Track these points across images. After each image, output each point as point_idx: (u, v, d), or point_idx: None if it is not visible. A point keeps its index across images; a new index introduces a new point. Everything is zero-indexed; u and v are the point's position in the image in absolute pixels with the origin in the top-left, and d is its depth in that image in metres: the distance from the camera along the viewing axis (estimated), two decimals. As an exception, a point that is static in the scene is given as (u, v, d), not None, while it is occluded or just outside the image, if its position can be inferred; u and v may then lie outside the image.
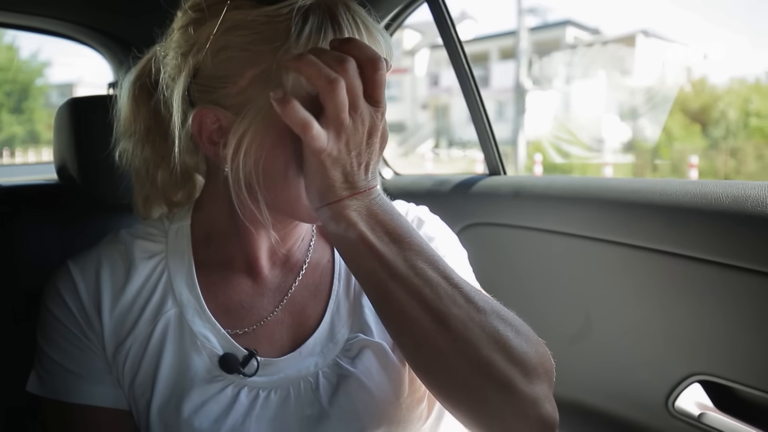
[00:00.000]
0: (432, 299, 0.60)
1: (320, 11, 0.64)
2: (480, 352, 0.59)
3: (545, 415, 0.61)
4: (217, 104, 0.67)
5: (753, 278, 0.95)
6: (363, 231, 0.61)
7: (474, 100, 1.48)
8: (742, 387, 1.00)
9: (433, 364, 0.61)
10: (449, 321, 0.60)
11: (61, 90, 7.37)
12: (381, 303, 0.63)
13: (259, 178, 0.66)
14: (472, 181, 1.52)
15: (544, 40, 16.80)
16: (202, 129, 0.68)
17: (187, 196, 0.84)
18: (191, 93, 0.69)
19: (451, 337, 0.59)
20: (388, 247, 0.61)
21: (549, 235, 1.30)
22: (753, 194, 0.95)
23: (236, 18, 0.65)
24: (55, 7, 1.41)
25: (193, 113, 0.67)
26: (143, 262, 0.76)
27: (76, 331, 0.73)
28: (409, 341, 0.63)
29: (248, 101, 0.64)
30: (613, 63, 15.19)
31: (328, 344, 0.75)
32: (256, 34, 0.64)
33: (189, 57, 0.68)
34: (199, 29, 0.67)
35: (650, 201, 1.09)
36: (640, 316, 1.14)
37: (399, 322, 0.62)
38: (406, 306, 0.60)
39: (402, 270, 0.61)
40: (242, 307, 0.77)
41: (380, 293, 0.62)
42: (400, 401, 0.74)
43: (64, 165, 1.07)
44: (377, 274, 0.61)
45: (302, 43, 0.62)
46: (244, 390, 0.72)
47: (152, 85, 0.77)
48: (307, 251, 0.82)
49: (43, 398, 0.74)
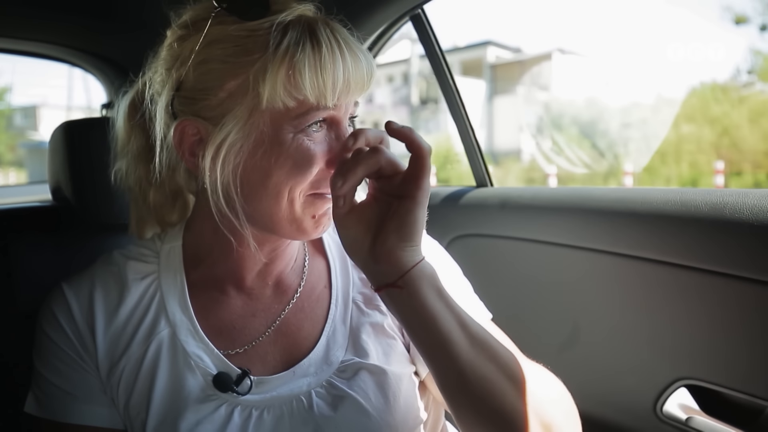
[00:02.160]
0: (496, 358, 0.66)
1: (300, 27, 0.66)
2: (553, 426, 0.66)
3: None
4: (198, 116, 0.68)
5: (733, 283, 0.97)
6: (446, 298, 0.67)
7: (460, 115, 1.50)
8: (727, 390, 1.01)
9: None
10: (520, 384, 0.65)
11: (25, 112, 7.38)
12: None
13: (236, 188, 0.67)
14: (460, 193, 1.54)
15: (467, 59, 17.69)
16: (183, 140, 0.69)
17: (180, 217, 0.85)
18: (174, 106, 0.70)
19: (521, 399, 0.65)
20: (459, 313, 0.67)
21: (536, 245, 1.32)
22: (730, 201, 0.97)
23: (218, 32, 0.66)
24: (50, 32, 1.43)
25: (174, 125, 0.69)
26: (136, 283, 0.77)
27: (71, 352, 0.74)
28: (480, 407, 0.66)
29: (227, 111, 0.66)
30: (531, 79, 16.32)
31: (323, 365, 0.76)
32: (237, 46, 0.65)
33: (173, 71, 0.69)
34: (183, 44, 0.68)
35: (632, 210, 1.11)
36: (626, 323, 1.16)
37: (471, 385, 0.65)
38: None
39: (478, 335, 0.66)
40: (234, 328, 0.77)
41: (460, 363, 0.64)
42: (397, 422, 0.75)
43: (58, 186, 1.08)
44: (458, 345, 0.65)
45: (279, 55, 0.63)
46: (237, 409, 0.73)
47: (141, 103, 0.77)
48: (302, 273, 0.82)
49: (41, 419, 0.74)
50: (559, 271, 1.28)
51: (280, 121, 0.65)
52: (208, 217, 0.73)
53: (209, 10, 0.67)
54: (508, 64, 16.97)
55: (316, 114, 0.66)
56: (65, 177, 1.04)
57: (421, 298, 0.64)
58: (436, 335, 0.64)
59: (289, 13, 0.67)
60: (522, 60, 16.88)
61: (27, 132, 7.56)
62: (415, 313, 0.64)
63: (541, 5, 19.94)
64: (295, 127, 0.66)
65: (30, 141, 8.11)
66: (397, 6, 1.38)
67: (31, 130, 7.59)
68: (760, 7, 12.39)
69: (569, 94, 16.21)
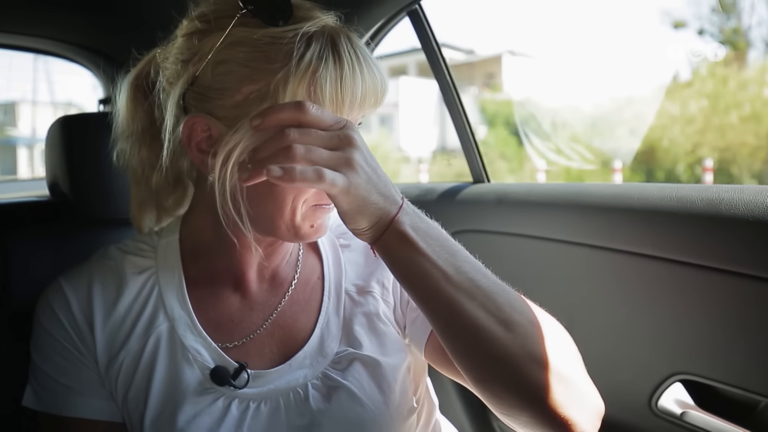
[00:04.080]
0: (496, 308, 0.62)
1: (323, 39, 0.65)
2: (546, 352, 0.62)
3: (598, 403, 0.65)
4: (210, 114, 0.68)
5: (729, 278, 0.97)
6: (424, 250, 0.62)
7: (457, 111, 1.50)
8: (722, 385, 1.02)
9: (505, 371, 0.61)
10: (515, 327, 0.62)
11: (4, 108, 7.38)
12: (451, 320, 0.62)
13: (243, 192, 0.67)
14: (458, 189, 1.54)
15: (422, 60, 17.36)
16: (191, 136, 0.69)
17: (177, 204, 0.85)
18: (186, 100, 0.70)
19: (519, 342, 0.61)
20: (446, 262, 0.62)
21: (532, 240, 1.33)
22: (726, 197, 0.97)
23: (241, 34, 0.66)
24: (46, 27, 1.43)
25: (185, 120, 0.68)
26: (134, 277, 0.78)
27: (69, 345, 0.74)
28: (479, 352, 0.62)
29: (242, 115, 0.65)
30: (482, 80, 16.94)
31: (318, 357, 0.77)
32: (259, 52, 0.65)
33: (189, 65, 0.68)
34: (204, 39, 0.68)
35: (629, 205, 1.12)
36: (622, 319, 1.16)
37: (469, 335, 0.62)
38: (478, 319, 0.61)
39: (466, 284, 0.62)
40: (231, 322, 0.78)
41: (451, 310, 0.62)
42: (391, 411, 0.76)
43: (55, 182, 1.08)
44: (445, 292, 0.61)
45: (302, 68, 0.63)
46: (234, 402, 0.73)
47: (149, 87, 0.77)
48: (296, 267, 0.83)
49: (39, 412, 0.75)
50: (555, 266, 1.28)
51: None
52: (208, 213, 0.74)
53: (232, 8, 0.67)
54: (461, 65, 17.29)
55: None
56: (62, 172, 1.04)
57: (402, 255, 0.63)
58: (423, 278, 0.62)
59: (312, 24, 0.66)
60: (473, 61, 17.36)
61: (4, 128, 7.56)
62: (402, 265, 0.63)
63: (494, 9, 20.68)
64: None
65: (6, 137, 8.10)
66: (395, 1, 1.38)
67: (10, 126, 7.59)
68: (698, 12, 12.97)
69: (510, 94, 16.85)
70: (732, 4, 9.89)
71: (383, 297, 0.82)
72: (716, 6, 10.42)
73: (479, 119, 15.13)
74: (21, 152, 8.66)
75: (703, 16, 12.51)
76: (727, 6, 9.54)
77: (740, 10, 10.16)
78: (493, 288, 0.64)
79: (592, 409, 0.64)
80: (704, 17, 12.30)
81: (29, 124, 8.28)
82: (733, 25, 10.42)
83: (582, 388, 0.64)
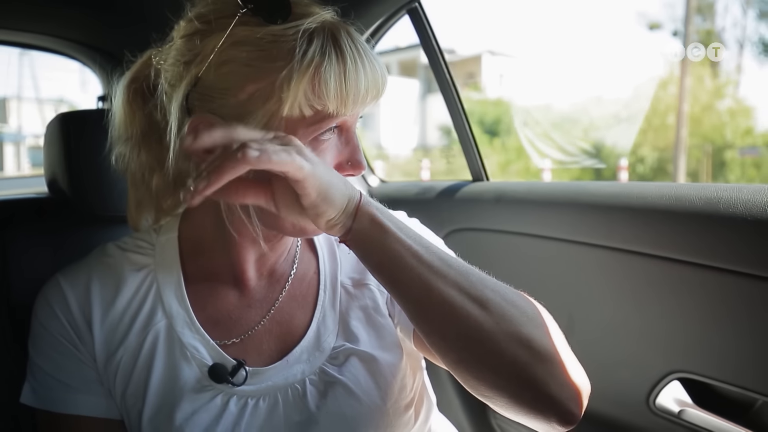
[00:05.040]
0: (469, 286, 0.62)
1: (324, 35, 0.66)
2: (521, 329, 0.61)
3: (583, 382, 0.64)
4: (214, 113, 0.67)
5: (726, 277, 0.97)
6: (394, 231, 0.63)
7: (456, 109, 1.50)
8: (719, 384, 1.02)
9: (482, 348, 0.61)
10: (488, 304, 0.61)
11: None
12: (423, 299, 0.62)
13: None
14: (456, 187, 1.54)
15: (404, 59, 18.45)
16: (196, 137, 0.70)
17: (176, 204, 0.84)
18: (189, 101, 0.69)
19: (494, 319, 0.61)
20: (416, 242, 0.63)
21: (531, 239, 1.33)
22: (725, 196, 0.97)
23: (243, 34, 0.66)
24: (45, 23, 1.43)
25: (189, 121, 0.68)
26: (132, 274, 0.77)
27: (67, 342, 0.74)
28: (455, 331, 0.62)
29: (246, 114, 0.65)
30: (463, 79, 17.43)
31: (315, 352, 0.77)
32: (261, 51, 0.65)
33: (192, 66, 0.68)
34: (205, 40, 0.67)
35: (627, 204, 1.12)
36: (620, 317, 1.17)
37: (444, 314, 0.62)
38: (450, 297, 0.61)
39: (436, 263, 0.62)
40: (230, 319, 0.78)
41: (422, 289, 0.62)
42: (388, 407, 0.76)
43: (54, 178, 1.08)
44: (416, 270, 0.62)
45: (305, 64, 0.63)
46: (233, 399, 0.73)
47: (148, 89, 0.77)
48: (293, 263, 0.83)
49: (37, 409, 0.75)
50: (554, 265, 1.29)
51: (294, 128, 0.65)
52: (209, 211, 0.74)
53: (231, 7, 0.67)
54: None
55: (331, 122, 0.67)
56: (61, 169, 1.04)
57: (375, 239, 0.63)
58: (396, 261, 0.63)
59: (312, 21, 0.66)
60: (454, 61, 17.72)
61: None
62: (376, 251, 0.64)
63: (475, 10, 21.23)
64: (309, 134, 0.66)
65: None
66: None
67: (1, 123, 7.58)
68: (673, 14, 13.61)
69: (486, 93, 17.48)
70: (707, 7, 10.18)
71: (379, 288, 0.82)
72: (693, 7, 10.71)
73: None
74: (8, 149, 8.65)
75: (677, 18, 13.11)
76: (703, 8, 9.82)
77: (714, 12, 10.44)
78: (463, 267, 0.64)
79: (575, 387, 0.63)
80: (679, 19, 12.82)
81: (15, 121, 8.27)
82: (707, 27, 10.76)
83: (563, 366, 0.63)
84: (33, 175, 8.09)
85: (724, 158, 10.16)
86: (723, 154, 10.23)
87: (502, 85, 17.63)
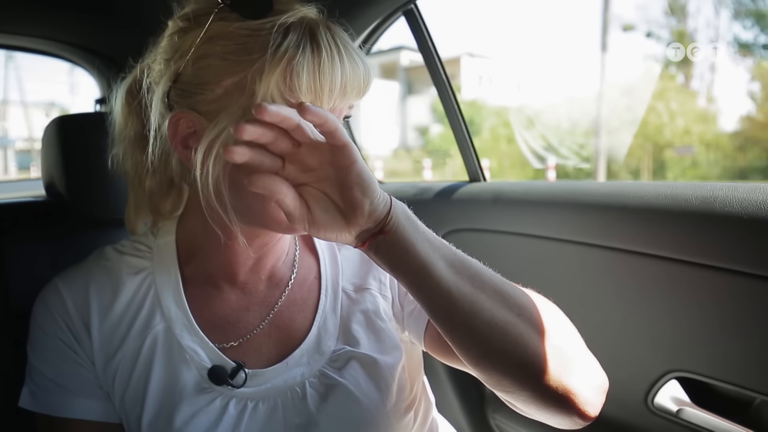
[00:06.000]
0: (496, 290, 0.63)
1: (301, 29, 0.65)
2: (544, 328, 0.64)
3: (602, 378, 0.67)
4: (193, 109, 0.68)
5: (723, 276, 0.98)
6: (425, 250, 0.61)
7: (453, 110, 1.50)
8: (717, 382, 1.02)
9: (507, 339, 0.62)
10: (515, 306, 0.63)
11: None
12: (473, 316, 0.61)
13: (226, 183, 0.66)
14: (454, 187, 1.54)
15: (384, 62, 18.74)
16: (177, 132, 0.69)
17: (174, 208, 0.84)
18: (170, 97, 0.70)
19: (521, 322, 0.63)
20: (442, 246, 0.63)
21: (528, 239, 1.33)
22: (720, 195, 0.98)
23: (220, 29, 0.66)
24: (43, 27, 1.43)
25: (169, 116, 0.69)
26: (130, 277, 0.77)
27: (66, 346, 0.74)
28: (482, 335, 0.62)
29: (222, 108, 0.65)
30: None
31: (315, 355, 0.77)
32: (237, 45, 0.65)
33: (171, 63, 0.69)
34: (184, 37, 0.68)
35: (624, 204, 1.12)
36: (618, 316, 1.17)
37: (474, 319, 0.61)
38: (479, 302, 0.61)
39: (464, 270, 0.62)
40: (228, 322, 0.78)
41: (470, 305, 0.61)
42: (388, 409, 0.76)
43: (52, 182, 1.08)
44: (444, 279, 0.61)
45: (278, 56, 0.63)
46: (232, 401, 0.73)
47: (139, 90, 0.77)
48: (293, 266, 0.83)
49: (36, 413, 0.75)
50: (551, 265, 1.29)
51: None
52: (198, 212, 0.73)
53: (212, 5, 0.67)
54: (421, 67, 18.03)
55: None
56: (59, 172, 1.04)
57: (406, 235, 0.61)
58: (422, 268, 0.61)
59: (291, 15, 0.66)
60: None
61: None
62: (404, 252, 0.61)
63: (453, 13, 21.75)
64: None
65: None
66: (391, 1, 1.38)
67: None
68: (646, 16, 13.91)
69: (464, 95, 17.84)
70: (680, 9, 10.36)
71: (381, 292, 0.82)
72: (666, 9, 10.89)
73: (431, 119, 16.49)
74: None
75: (651, 20, 13.46)
76: (676, 9, 9.99)
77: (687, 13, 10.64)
78: (488, 273, 0.65)
79: (595, 382, 0.65)
80: (652, 21, 12.99)
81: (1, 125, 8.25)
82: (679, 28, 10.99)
83: (583, 361, 0.65)
84: (20, 179, 8.11)
85: (664, 158, 10.69)
86: (662, 153, 10.76)
87: (481, 86, 17.89)
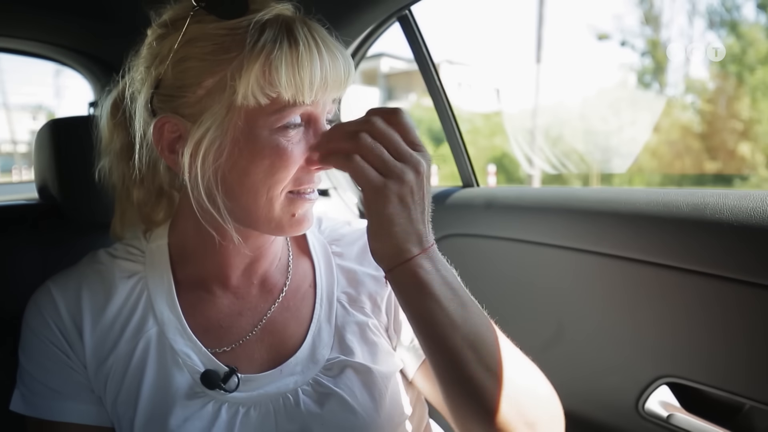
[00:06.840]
0: (496, 365, 0.66)
1: (277, 25, 0.66)
2: (525, 411, 0.67)
3: (559, 410, 0.72)
4: (176, 113, 0.68)
5: (713, 282, 0.98)
6: (438, 295, 0.64)
7: (447, 116, 1.51)
8: (707, 388, 1.03)
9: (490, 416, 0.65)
10: (507, 385, 0.66)
11: None
12: (451, 369, 0.66)
13: (217, 184, 0.67)
14: (447, 193, 1.55)
15: (364, 69, 19.31)
16: (162, 138, 0.70)
17: (166, 215, 0.84)
18: (153, 104, 0.70)
19: (510, 403, 0.66)
20: (456, 310, 0.65)
21: (520, 244, 1.33)
22: (711, 202, 0.98)
23: (197, 31, 0.67)
24: (37, 30, 1.42)
25: (153, 122, 0.69)
26: (123, 281, 0.77)
27: (57, 349, 0.74)
28: (472, 402, 0.66)
29: (205, 109, 0.66)
30: (422, 87, 17.79)
31: (309, 364, 0.76)
32: (215, 45, 0.66)
33: (152, 69, 0.69)
34: (162, 42, 0.69)
35: (616, 210, 1.13)
36: (609, 322, 1.17)
37: (467, 386, 0.66)
38: (476, 374, 0.65)
39: (471, 335, 0.65)
40: (221, 326, 0.78)
41: (453, 360, 0.65)
42: (383, 419, 0.76)
43: (44, 185, 1.08)
44: (450, 339, 0.65)
45: (256, 52, 0.64)
46: (224, 406, 0.73)
47: (122, 101, 0.77)
48: (287, 272, 0.83)
49: (27, 417, 0.74)
50: (543, 270, 1.29)
51: (254, 119, 0.66)
52: (190, 215, 0.73)
53: (189, 9, 0.68)
54: (400, 73, 18.46)
55: (292, 111, 0.66)
56: (51, 175, 1.04)
57: (413, 295, 0.65)
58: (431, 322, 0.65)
59: (267, 12, 0.67)
60: (413, 70, 18.10)
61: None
62: (411, 305, 0.66)
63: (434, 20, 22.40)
64: (270, 125, 0.66)
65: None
66: (384, 7, 1.39)
67: None
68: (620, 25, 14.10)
69: None
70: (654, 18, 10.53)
71: (375, 314, 0.82)
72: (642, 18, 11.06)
73: (410, 124, 16.66)
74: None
75: (625, 29, 13.54)
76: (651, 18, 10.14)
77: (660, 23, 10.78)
78: (492, 341, 0.67)
79: (552, 413, 0.71)
80: (627, 30, 13.27)
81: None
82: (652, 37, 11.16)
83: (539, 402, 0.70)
84: (2, 182, 8.15)
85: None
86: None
87: (460, 93, 18.05)
